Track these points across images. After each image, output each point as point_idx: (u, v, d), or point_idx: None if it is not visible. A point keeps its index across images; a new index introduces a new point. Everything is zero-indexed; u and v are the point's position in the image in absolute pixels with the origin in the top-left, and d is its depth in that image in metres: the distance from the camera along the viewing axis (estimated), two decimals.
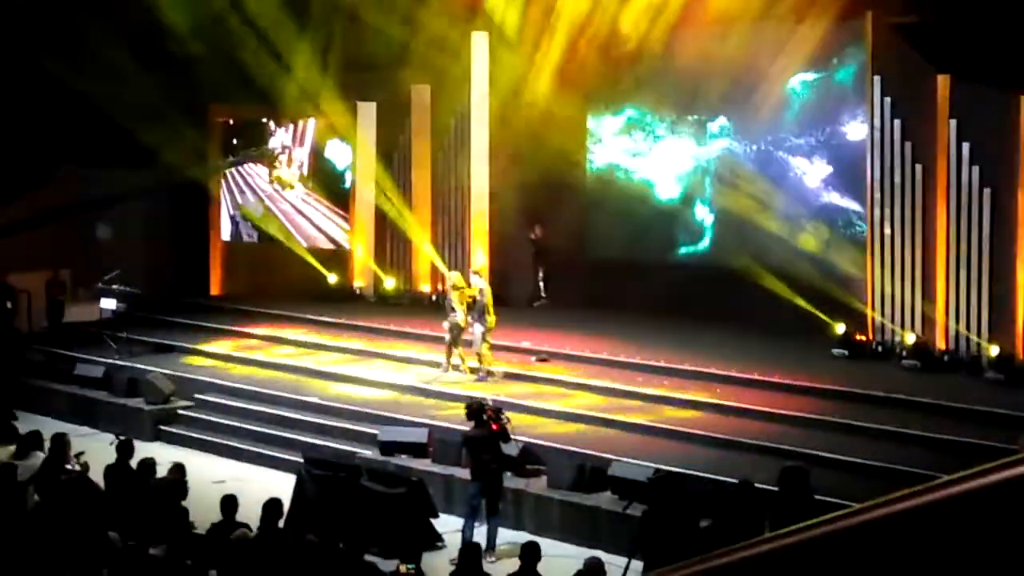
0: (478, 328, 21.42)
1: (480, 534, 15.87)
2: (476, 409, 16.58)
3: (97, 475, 15.45)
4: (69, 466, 15.18)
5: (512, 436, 16.69)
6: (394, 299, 27.55)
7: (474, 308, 21.53)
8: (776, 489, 14.66)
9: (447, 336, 21.78)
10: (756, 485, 14.76)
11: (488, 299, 21.53)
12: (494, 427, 16.31)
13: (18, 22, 27.13)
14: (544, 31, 26.09)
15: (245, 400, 22.40)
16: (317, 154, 29.45)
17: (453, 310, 21.67)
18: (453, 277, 22.49)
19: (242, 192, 30.30)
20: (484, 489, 16.27)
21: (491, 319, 21.42)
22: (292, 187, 29.28)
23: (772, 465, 15.91)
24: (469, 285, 21.98)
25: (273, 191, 29.87)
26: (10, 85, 27.54)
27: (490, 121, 26.89)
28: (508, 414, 16.84)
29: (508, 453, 17.46)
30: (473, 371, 21.60)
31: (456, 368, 21.80)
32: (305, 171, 29.60)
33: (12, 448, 16.11)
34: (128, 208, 30.34)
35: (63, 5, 26.88)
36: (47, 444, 16.00)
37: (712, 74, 24.75)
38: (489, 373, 21.50)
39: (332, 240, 29.08)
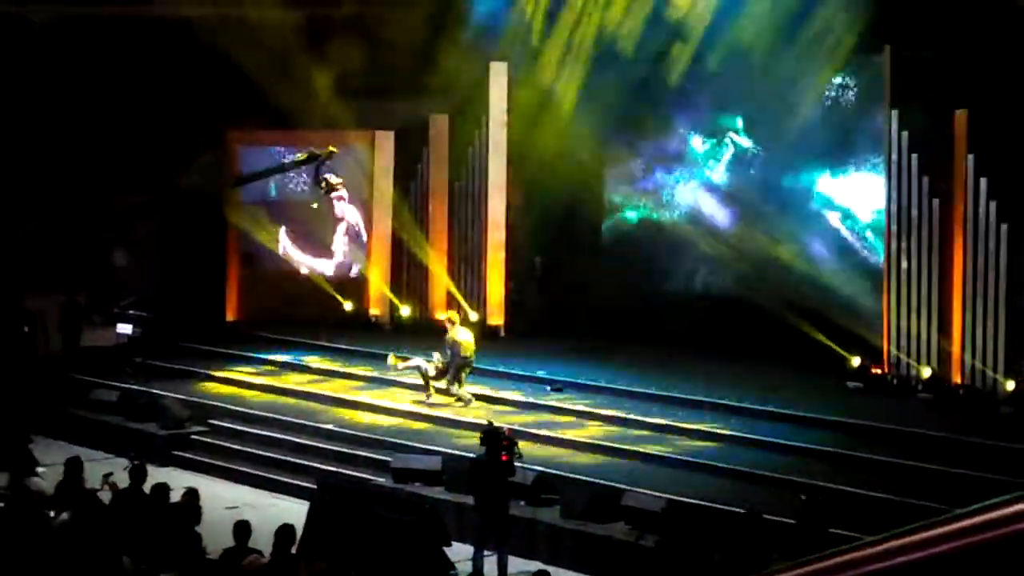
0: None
1: (492, 563, 15.84)
2: (492, 435, 16.44)
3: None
4: (98, 487, 15.19)
5: (517, 469, 16.52)
6: (410, 326, 27.55)
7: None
8: (791, 522, 14.66)
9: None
10: (765, 516, 14.75)
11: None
12: (503, 457, 16.18)
13: (35, 46, 27.28)
14: (564, 62, 26.19)
15: (259, 426, 22.42)
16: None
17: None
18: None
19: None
20: (488, 519, 16.17)
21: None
22: (337, 189, 29.05)
23: (785, 497, 15.90)
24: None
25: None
26: (29, 109, 27.68)
27: (508, 151, 26.97)
28: (521, 445, 16.75)
29: (521, 482, 17.45)
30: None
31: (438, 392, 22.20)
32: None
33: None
34: (144, 233, 30.39)
35: (82, 29, 27.02)
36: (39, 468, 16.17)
37: (730, 105, 24.81)
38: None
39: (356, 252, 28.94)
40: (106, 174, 28.70)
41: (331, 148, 26.37)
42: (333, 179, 27.38)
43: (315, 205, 27.05)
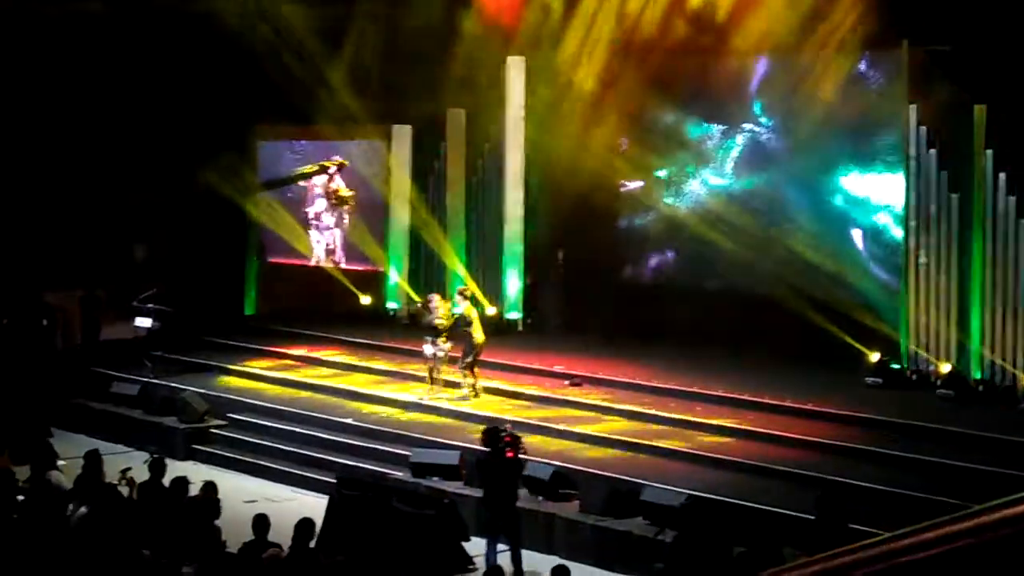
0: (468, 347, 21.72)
1: (506, 558, 15.85)
2: (493, 435, 16.43)
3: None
4: (115, 483, 15.26)
5: (528, 464, 16.46)
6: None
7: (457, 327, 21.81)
8: (811, 517, 14.67)
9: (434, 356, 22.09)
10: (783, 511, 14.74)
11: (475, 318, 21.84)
12: (509, 454, 16.16)
13: (52, 41, 27.33)
14: (580, 56, 26.18)
15: (278, 420, 22.48)
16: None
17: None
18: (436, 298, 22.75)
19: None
20: (496, 517, 16.14)
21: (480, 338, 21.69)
22: (348, 203, 29.21)
23: (804, 493, 15.90)
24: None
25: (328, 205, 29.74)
26: (50, 105, 27.73)
27: (524, 145, 26.98)
28: (539, 440, 16.72)
29: (539, 477, 17.48)
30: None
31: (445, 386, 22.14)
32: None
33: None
34: (165, 227, 30.46)
35: (98, 23, 27.05)
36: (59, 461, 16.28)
37: (746, 100, 24.79)
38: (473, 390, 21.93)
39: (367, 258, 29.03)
40: (126, 170, 28.77)
41: (341, 160, 26.51)
42: (345, 192, 27.55)
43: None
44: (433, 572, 14.79)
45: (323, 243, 29.80)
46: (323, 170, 29.18)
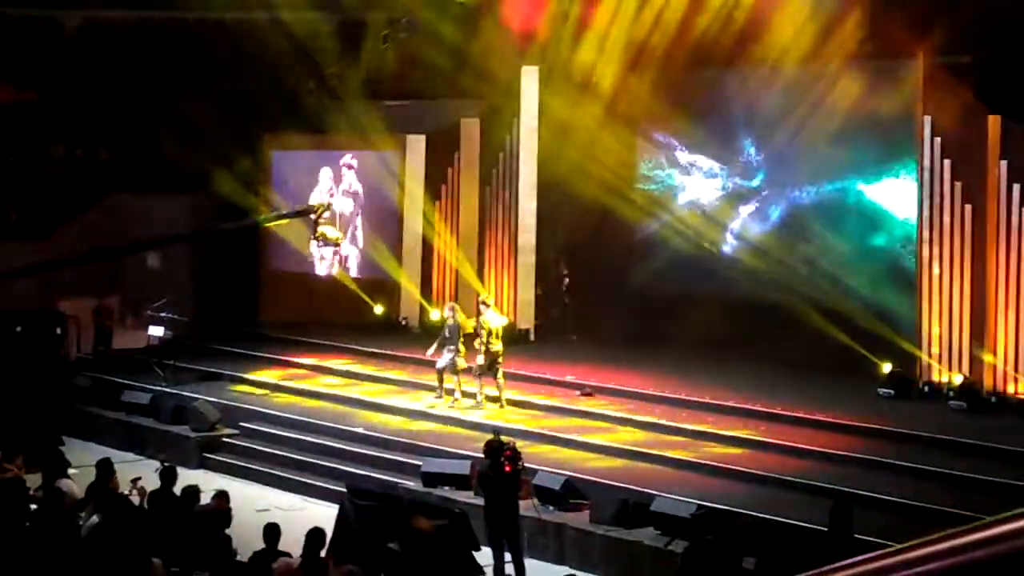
0: (481, 358, 21.63)
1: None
2: (495, 448, 16.37)
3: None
4: (126, 492, 15.25)
5: (524, 478, 16.39)
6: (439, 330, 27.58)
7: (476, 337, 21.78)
8: (823, 528, 14.63)
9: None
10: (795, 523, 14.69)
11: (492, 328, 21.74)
12: (507, 468, 16.09)
13: (67, 50, 27.44)
14: (595, 65, 26.17)
15: (290, 429, 22.47)
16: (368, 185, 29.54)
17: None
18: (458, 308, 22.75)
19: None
20: (497, 528, 16.09)
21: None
22: (337, 243, 29.24)
23: (815, 503, 15.86)
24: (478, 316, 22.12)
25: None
26: (62, 113, 27.84)
27: (538, 155, 26.97)
28: (550, 450, 16.66)
29: (550, 487, 17.44)
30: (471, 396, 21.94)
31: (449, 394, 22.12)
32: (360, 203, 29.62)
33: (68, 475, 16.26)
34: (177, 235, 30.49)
35: (112, 31, 27.16)
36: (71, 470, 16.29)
37: (760, 110, 24.77)
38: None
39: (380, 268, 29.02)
40: (139, 177, 28.83)
41: (328, 202, 26.79)
42: (331, 233, 27.69)
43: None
44: None
45: (332, 253, 29.78)
46: (308, 211, 29.29)
